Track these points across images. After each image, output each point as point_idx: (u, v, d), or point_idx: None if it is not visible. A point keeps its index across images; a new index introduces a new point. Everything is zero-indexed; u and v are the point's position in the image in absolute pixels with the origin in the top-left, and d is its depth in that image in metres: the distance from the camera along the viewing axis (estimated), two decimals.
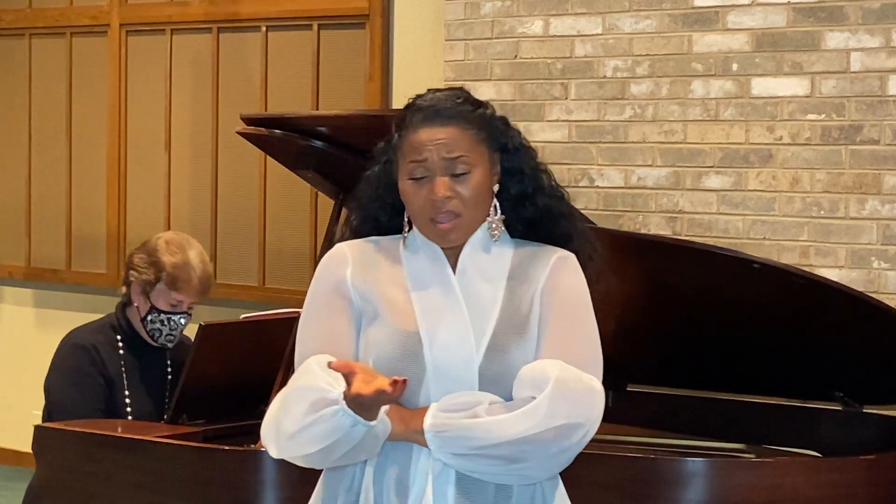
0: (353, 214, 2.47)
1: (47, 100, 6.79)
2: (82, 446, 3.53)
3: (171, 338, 3.92)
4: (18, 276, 6.90)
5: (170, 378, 3.98)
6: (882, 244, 4.57)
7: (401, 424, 2.24)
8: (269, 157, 5.26)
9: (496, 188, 2.37)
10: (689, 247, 3.83)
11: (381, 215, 2.41)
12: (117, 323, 3.96)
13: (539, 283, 2.33)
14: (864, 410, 3.78)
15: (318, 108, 5.88)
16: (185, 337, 4.01)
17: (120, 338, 3.94)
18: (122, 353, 3.93)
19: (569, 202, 2.44)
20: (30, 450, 3.66)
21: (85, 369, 3.85)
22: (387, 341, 2.29)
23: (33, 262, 6.86)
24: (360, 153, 3.11)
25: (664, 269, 3.60)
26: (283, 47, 6.06)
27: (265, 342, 3.74)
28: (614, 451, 3.43)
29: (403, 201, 2.36)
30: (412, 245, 2.37)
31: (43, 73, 6.81)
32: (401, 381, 2.08)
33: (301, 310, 2.40)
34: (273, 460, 3.15)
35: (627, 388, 4.16)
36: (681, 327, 3.76)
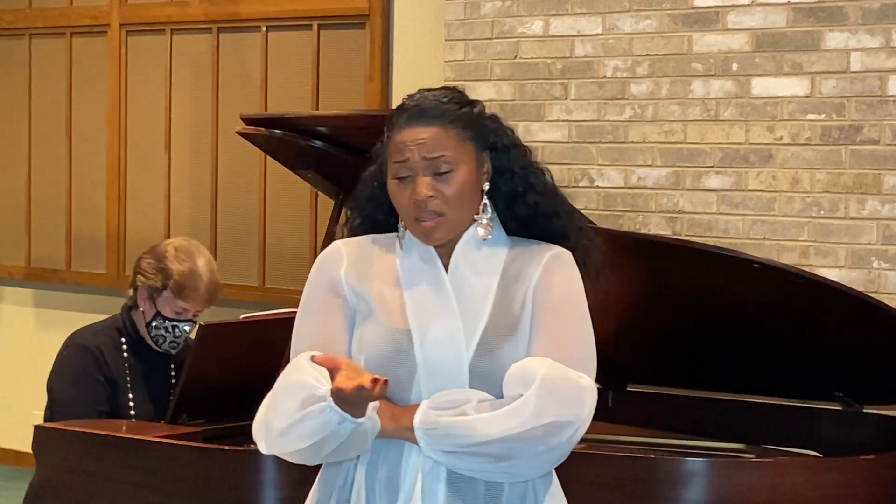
0: (352, 214, 2.49)
1: (47, 100, 6.79)
2: (82, 446, 3.53)
3: (175, 345, 3.91)
4: (18, 276, 6.90)
5: (173, 381, 3.96)
6: (882, 244, 4.57)
7: (391, 421, 2.24)
8: (269, 157, 5.26)
9: (486, 187, 2.36)
10: (689, 247, 3.83)
11: (377, 214, 2.42)
12: (122, 325, 3.94)
13: (532, 280, 2.33)
14: (864, 410, 3.78)
15: (318, 108, 5.88)
16: (188, 338, 4.01)
17: (124, 340, 3.93)
18: (125, 355, 3.91)
19: (563, 200, 2.43)
20: (30, 450, 3.66)
21: (88, 371, 3.84)
22: (378, 339, 2.30)
23: (33, 262, 6.86)
24: (360, 153, 3.10)
25: (664, 269, 3.60)
26: (283, 47, 6.06)
27: (265, 342, 3.74)
28: (614, 451, 3.44)
29: (392, 201, 2.37)
30: (407, 243, 2.38)
31: (43, 73, 6.81)
32: (381, 380, 2.09)
33: None
34: (273, 460, 3.16)
35: (627, 388, 4.16)
36: (680, 327, 3.76)
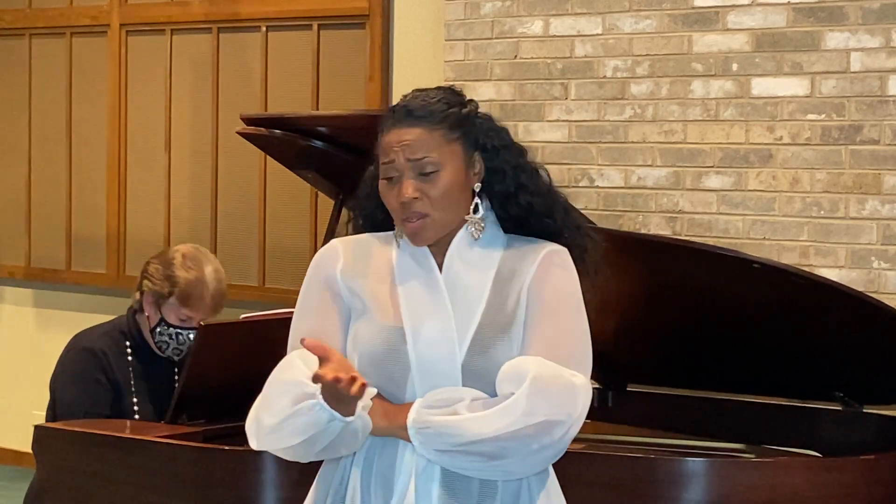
0: (353, 213, 2.49)
1: (47, 100, 6.79)
2: (82, 446, 3.53)
3: (179, 351, 3.88)
4: (18, 276, 6.90)
5: (177, 384, 3.96)
6: (882, 244, 4.57)
7: (385, 420, 2.25)
8: (269, 157, 5.26)
9: (477, 187, 2.36)
10: (689, 247, 3.83)
11: (377, 213, 2.42)
12: (127, 329, 3.92)
13: (526, 278, 2.33)
14: (864, 410, 3.78)
15: (318, 108, 5.88)
16: (192, 345, 3.99)
17: (129, 343, 3.90)
18: (129, 359, 3.89)
19: (559, 199, 2.41)
20: (30, 450, 3.65)
21: (92, 374, 3.82)
22: (372, 336, 2.31)
23: (33, 262, 6.86)
24: (360, 153, 3.11)
25: (664, 269, 3.60)
26: (283, 47, 6.06)
27: (265, 342, 3.70)
28: (614, 451, 3.43)
29: (383, 201, 2.37)
30: (403, 242, 2.38)
31: (43, 73, 6.81)
32: (360, 382, 2.09)
33: None
34: (273, 460, 3.16)
35: (627, 388, 4.16)
36: (680, 327, 3.76)
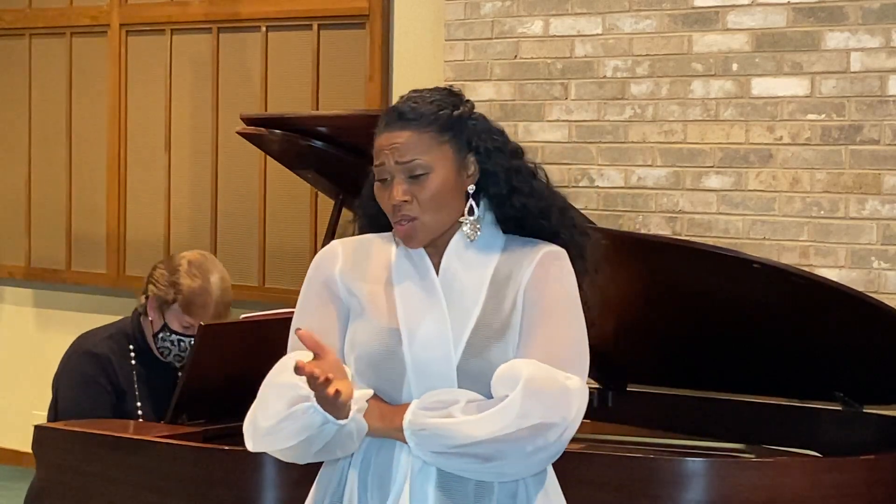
0: (357, 213, 2.49)
1: (47, 100, 6.79)
2: (82, 446, 3.53)
3: (180, 358, 3.86)
4: (18, 276, 6.90)
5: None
6: (882, 244, 4.57)
7: (382, 421, 2.25)
8: (269, 157, 5.26)
9: (471, 189, 2.35)
10: (689, 247, 3.82)
11: (379, 213, 2.41)
12: (131, 332, 3.90)
13: (523, 280, 2.32)
14: (864, 410, 3.78)
15: (318, 108, 5.88)
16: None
17: (132, 347, 3.89)
18: (133, 363, 3.88)
19: (555, 200, 2.40)
20: (30, 450, 3.65)
21: (95, 378, 3.81)
22: (369, 338, 2.31)
23: (33, 262, 6.86)
24: (360, 153, 3.10)
25: (664, 269, 3.60)
26: (283, 47, 6.06)
27: (265, 342, 3.70)
28: (614, 451, 3.43)
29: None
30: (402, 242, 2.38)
31: (43, 73, 6.81)
32: (333, 387, 2.08)
33: None
34: (273, 460, 3.15)
35: (627, 388, 4.16)
36: (680, 327, 3.76)
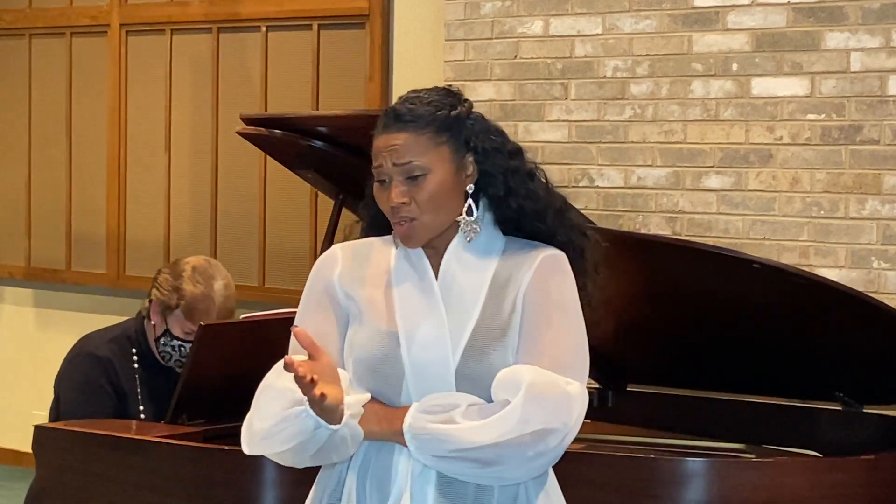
0: (360, 213, 2.49)
1: (47, 100, 6.79)
2: (82, 446, 3.53)
3: (181, 364, 3.83)
4: (18, 276, 6.90)
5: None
6: (882, 244, 4.57)
7: (382, 424, 2.25)
8: (269, 157, 5.26)
9: (470, 189, 2.34)
10: (689, 247, 3.82)
11: (381, 214, 2.41)
12: (134, 335, 3.89)
13: (523, 283, 2.31)
14: (864, 410, 3.78)
15: (318, 108, 5.88)
16: None
17: (135, 350, 3.89)
18: (136, 366, 3.88)
19: (553, 200, 2.40)
20: (30, 450, 3.65)
21: (96, 381, 3.80)
22: (367, 341, 2.30)
23: (33, 262, 6.86)
24: (360, 153, 3.10)
25: (664, 269, 3.60)
26: (283, 47, 6.06)
27: (265, 342, 3.70)
28: (614, 451, 3.43)
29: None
30: (401, 245, 2.37)
31: (43, 73, 6.81)
32: (318, 390, 2.08)
33: None
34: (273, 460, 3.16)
35: (627, 388, 4.16)
36: (680, 327, 3.76)
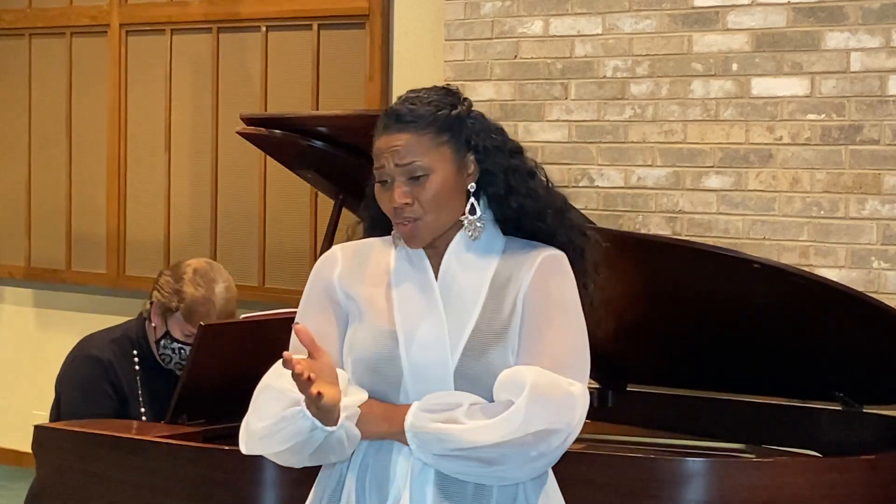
0: (361, 213, 2.49)
1: (47, 100, 6.79)
2: (82, 446, 3.53)
3: (181, 366, 3.83)
4: (18, 276, 6.90)
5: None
6: (882, 244, 4.57)
7: (382, 423, 2.25)
8: (269, 157, 5.26)
9: (472, 188, 2.34)
10: (689, 247, 3.82)
11: (382, 214, 2.41)
12: (135, 336, 3.89)
13: (523, 284, 2.31)
14: (864, 410, 3.78)
15: (318, 108, 5.88)
16: None
17: (136, 352, 3.88)
18: (137, 367, 3.87)
19: (553, 200, 2.40)
20: (30, 450, 3.65)
21: (97, 383, 3.80)
22: (366, 340, 2.30)
23: (33, 262, 6.86)
24: (360, 153, 3.11)
25: (664, 269, 3.60)
26: (283, 47, 6.06)
27: (265, 342, 3.70)
28: (614, 451, 3.43)
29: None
30: (401, 244, 2.37)
31: (43, 73, 6.81)
32: (315, 389, 2.08)
33: None
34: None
35: (627, 388, 4.16)
36: (680, 327, 3.76)
